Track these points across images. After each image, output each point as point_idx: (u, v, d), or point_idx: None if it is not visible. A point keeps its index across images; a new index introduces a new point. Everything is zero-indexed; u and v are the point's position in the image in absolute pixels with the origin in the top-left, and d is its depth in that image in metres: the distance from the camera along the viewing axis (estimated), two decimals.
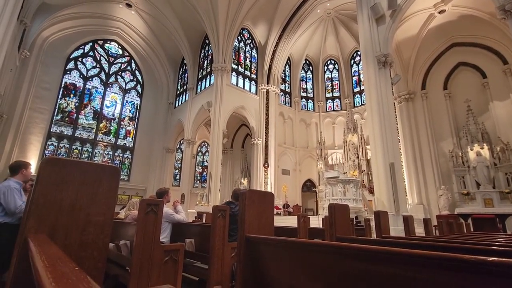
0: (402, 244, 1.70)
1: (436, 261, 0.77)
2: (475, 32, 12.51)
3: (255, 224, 1.66)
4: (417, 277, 0.78)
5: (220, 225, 2.93)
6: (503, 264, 0.67)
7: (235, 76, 18.64)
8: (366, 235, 5.03)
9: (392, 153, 9.75)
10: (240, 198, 1.73)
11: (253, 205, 1.68)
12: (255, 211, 1.69)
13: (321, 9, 18.48)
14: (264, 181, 17.48)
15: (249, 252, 1.52)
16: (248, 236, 1.55)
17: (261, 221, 1.70)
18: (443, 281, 0.73)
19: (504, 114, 11.93)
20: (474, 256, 0.71)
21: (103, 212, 1.15)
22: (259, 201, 1.74)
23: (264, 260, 1.41)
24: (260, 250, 1.44)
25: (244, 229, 1.60)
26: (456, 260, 0.73)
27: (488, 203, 10.95)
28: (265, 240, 1.48)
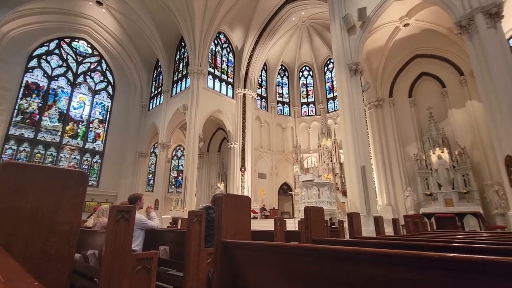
0: (373, 244, 1.77)
1: (405, 259, 0.81)
2: (436, 45, 13.57)
3: (232, 229, 1.65)
4: (388, 275, 0.82)
5: (196, 230, 2.86)
6: (463, 259, 0.72)
7: (212, 79, 18.51)
8: (340, 236, 5.19)
9: (363, 156, 10.20)
10: (216, 203, 1.71)
11: (230, 210, 1.67)
12: (232, 215, 1.67)
13: (296, 17, 19.01)
14: (241, 185, 17.42)
15: (226, 257, 1.49)
16: (225, 241, 1.53)
17: (238, 226, 1.69)
18: (412, 278, 0.78)
19: (461, 121, 13.01)
20: (437, 253, 0.76)
21: (68, 220, 1.07)
22: (236, 206, 1.73)
23: (241, 265, 1.39)
24: (237, 255, 1.42)
25: (220, 234, 1.57)
26: (423, 257, 0.78)
27: (448, 203, 11.82)
28: (242, 244, 1.47)
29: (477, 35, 8.43)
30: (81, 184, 1.13)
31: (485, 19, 8.33)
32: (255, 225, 11.08)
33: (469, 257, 0.71)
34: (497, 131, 7.88)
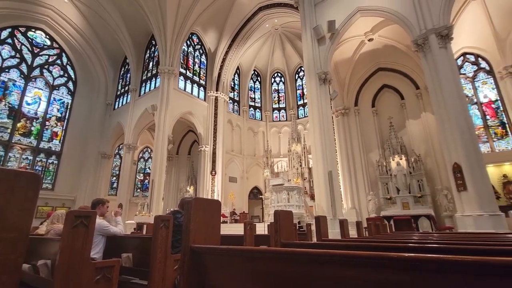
0: (339, 246, 1.85)
1: (367, 260, 0.86)
2: (396, 60, 14.70)
3: (201, 234, 1.61)
4: (352, 275, 0.86)
5: (163, 236, 2.75)
6: (417, 259, 0.79)
7: (183, 80, 18.10)
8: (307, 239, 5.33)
9: (331, 162, 10.63)
10: (185, 207, 1.66)
11: (199, 214, 1.63)
12: (201, 220, 1.64)
13: (270, 24, 19.40)
14: (211, 188, 17.15)
15: (194, 263, 1.46)
16: (193, 247, 1.49)
17: (207, 230, 1.66)
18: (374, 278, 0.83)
19: (416, 131, 14.18)
20: (396, 254, 0.82)
21: (15, 227, 0.97)
22: (206, 210, 1.70)
23: (210, 271, 1.37)
24: (205, 261, 1.39)
25: (189, 240, 1.53)
26: (383, 258, 0.83)
27: (405, 206, 12.75)
28: (211, 250, 1.45)
29: (431, 54, 9.31)
30: (32, 187, 1.03)
31: (437, 40, 9.24)
32: (225, 230, 10.94)
33: (423, 257, 0.78)
34: (446, 141, 8.72)
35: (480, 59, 13.58)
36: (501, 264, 0.66)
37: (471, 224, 7.61)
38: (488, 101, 13.25)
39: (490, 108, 13.16)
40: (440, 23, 9.31)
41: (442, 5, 9.42)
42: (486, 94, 13.32)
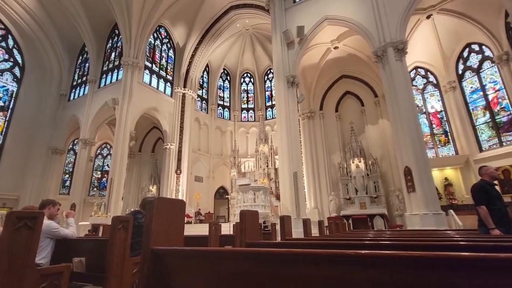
0: (301, 245, 1.91)
1: (327, 258, 0.90)
2: (358, 68, 15.66)
3: (163, 235, 1.55)
4: (314, 273, 0.89)
5: (121, 238, 2.59)
6: (372, 255, 0.85)
7: (149, 74, 17.29)
8: (272, 239, 5.43)
9: (296, 163, 10.95)
10: (146, 207, 1.58)
11: (162, 214, 1.57)
12: (164, 220, 1.57)
13: (241, 24, 19.40)
14: (176, 188, 16.60)
15: (155, 266, 1.40)
16: (154, 249, 1.43)
17: (170, 232, 1.60)
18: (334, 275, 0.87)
19: (374, 136, 15.25)
20: (353, 251, 0.88)
21: None
22: (169, 210, 1.63)
23: (172, 273, 1.32)
24: (168, 263, 1.34)
25: (149, 241, 1.46)
26: (342, 255, 0.88)
27: (362, 206, 13.62)
28: (173, 251, 1.40)
29: (388, 65, 10.09)
30: None
31: (394, 53, 10.04)
32: (189, 230, 10.66)
33: (377, 253, 0.84)
34: (399, 146, 9.53)
35: (429, 73, 15.04)
36: (443, 258, 0.74)
37: (418, 222, 8.39)
38: (434, 112, 14.73)
39: (436, 118, 14.65)
40: (397, 37, 10.14)
41: (399, 22, 10.27)
42: (433, 105, 14.80)
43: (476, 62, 13.26)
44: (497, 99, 12.41)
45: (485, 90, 12.87)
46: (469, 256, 0.73)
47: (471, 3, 11.45)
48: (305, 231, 3.71)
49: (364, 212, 12.85)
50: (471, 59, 13.45)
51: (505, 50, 11.67)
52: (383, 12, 10.57)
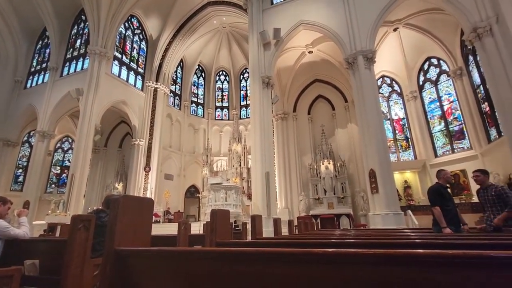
0: (271, 244, 1.94)
1: (296, 257, 0.93)
2: (330, 74, 16.27)
3: (129, 235, 1.48)
4: (284, 272, 0.91)
5: (81, 238, 2.42)
6: (338, 253, 0.89)
7: (118, 66, 16.41)
8: (242, 238, 5.44)
9: (268, 163, 11.08)
10: (111, 206, 1.50)
11: (127, 213, 1.49)
12: (130, 219, 1.50)
13: (217, 21, 19.15)
14: (144, 186, 15.95)
15: (119, 268, 1.33)
16: (118, 249, 1.35)
17: (136, 231, 1.53)
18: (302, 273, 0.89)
19: (343, 139, 15.95)
20: (321, 249, 0.91)
21: None
22: (136, 209, 1.56)
23: (137, 275, 1.27)
24: (133, 265, 1.29)
25: (113, 242, 1.38)
26: (310, 254, 0.91)
27: (330, 206, 14.18)
28: (139, 252, 1.34)
29: (358, 72, 10.61)
30: None
31: (364, 61, 10.59)
32: (157, 230, 10.29)
33: (343, 251, 0.89)
34: (365, 149, 10.06)
35: (394, 82, 16.08)
36: (403, 255, 0.80)
37: (380, 221, 8.93)
38: (397, 118, 15.78)
39: (398, 124, 15.71)
40: (367, 47, 10.70)
41: (369, 32, 10.86)
42: (397, 112, 15.85)
43: (434, 75, 14.44)
44: (451, 109, 13.64)
45: (441, 101, 14.06)
46: (424, 253, 0.80)
47: (432, 20, 12.44)
48: (275, 230, 3.77)
49: (331, 211, 13.38)
50: (431, 72, 14.62)
51: (459, 66, 12.87)
52: (355, 22, 11.09)
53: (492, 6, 8.87)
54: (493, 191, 3.94)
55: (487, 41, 8.85)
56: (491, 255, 0.72)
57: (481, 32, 8.95)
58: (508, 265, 0.70)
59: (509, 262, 0.70)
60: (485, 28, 8.87)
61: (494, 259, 0.71)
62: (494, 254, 0.72)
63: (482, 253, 0.73)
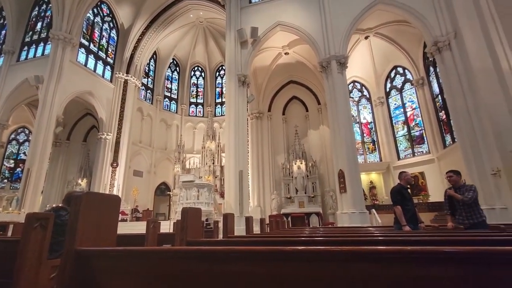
0: (243, 242, 1.94)
1: (266, 255, 0.94)
2: (305, 76, 16.67)
3: (92, 234, 1.39)
4: (255, 270, 0.92)
5: (37, 238, 2.23)
6: (307, 251, 0.91)
7: (85, 54, 15.37)
8: (214, 236, 5.39)
9: (242, 161, 11.09)
10: (72, 203, 1.40)
11: (91, 211, 1.41)
12: (94, 218, 1.42)
13: (194, 15, 18.72)
14: (111, 182, 15.13)
15: (79, 269, 1.24)
16: (80, 250, 1.27)
17: (100, 230, 1.45)
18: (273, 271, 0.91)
19: (315, 140, 16.45)
20: (291, 247, 0.93)
21: None
22: (100, 206, 1.48)
23: (101, 277, 1.20)
24: (96, 266, 1.21)
25: (74, 241, 1.29)
26: (280, 252, 0.93)
27: (301, 205, 14.56)
28: (102, 252, 1.27)
29: (331, 76, 11.00)
30: None
31: (337, 66, 11.01)
32: (124, 229, 9.81)
33: (312, 249, 0.92)
34: (336, 151, 10.48)
35: (364, 87, 16.92)
36: (367, 252, 0.85)
37: (347, 220, 9.36)
38: (366, 122, 16.63)
39: (366, 128, 16.56)
40: (340, 52, 11.13)
41: (342, 38, 11.31)
42: (365, 116, 16.69)
43: (400, 83, 15.43)
44: (413, 116, 14.67)
45: (405, 108, 15.08)
46: (386, 249, 0.85)
47: (400, 32, 13.27)
48: (247, 228, 3.78)
49: (302, 210, 13.74)
50: (397, 80, 15.60)
51: (422, 76, 13.89)
52: (329, 27, 11.47)
53: (451, 22, 9.68)
54: (464, 190, 4.13)
55: (446, 54, 9.65)
56: (444, 251, 0.78)
57: (441, 46, 9.73)
58: (459, 259, 0.77)
59: (459, 256, 0.77)
60: (444, 42, 9.66)
61: (447, 254, 0.78)
62: (447, 249, 0.79)
63: (436, 249, 0.80)
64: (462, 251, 0.77)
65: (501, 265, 0.74)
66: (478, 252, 0.76)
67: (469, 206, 4.05)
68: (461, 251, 0.77)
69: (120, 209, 1.74)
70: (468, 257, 0.76)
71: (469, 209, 4.05)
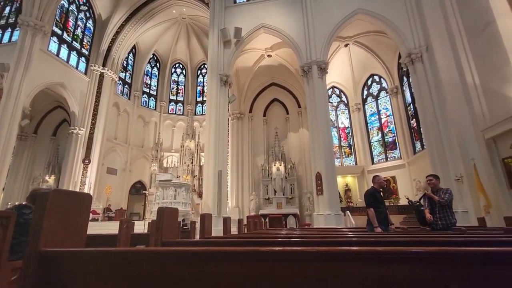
0: (219, 243, 1.92)
1: (243, 255, 0.94)
2: (286, 79, 16.92)
3: (59, 234, 1.31)
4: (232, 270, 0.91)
5: None
6: (284, 251, 0.93)
7: (57, 43, 14.53)
8: (190, 237, 5.29)
9: (222, 161, 11.01)
10: (37, 201, 1.31)
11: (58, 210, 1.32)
12: (61, 217, 1.33)
13: (177, 11, 18.34)
14: (81, 180, 14.37)
15: (44, 271, 1.16)
16: (44, 251, 1.19)
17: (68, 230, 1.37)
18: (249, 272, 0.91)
19: (295, 142, 16.73)
20: (268, 248, 0.94)
21: None
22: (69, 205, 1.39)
23: (67, 280, 1.13)
24: (63, 268, 1.14)
25: (38, 242, 1.21)
26: (257, 252, 0.93)
27: (279, 206, 14.71)
28: (70, 253, 1.20)
29: (312, 80, 11.26)
30: None
31: (317, 71, 11.29)
32: (95, 229, 9.36)
33: (289, 249, 0.93)
34: (314, 153, 10.71)
35: (342, 93, 17.49)
36: (342, 252, 0.88)
37: (323, 221, 9.60)
38: (343, 127, 17.19)
39: (344, 132, 17.11)
40: (321, 58, 11.43)
41: (323, 44, 11.62)
42: (343, 121, 17.25)
43: (376, 90, 16.12)
44: (387, 123, 15.39)
45: (380, 114, 15.77)
46: (359, 250, 0.88)
47: (377, 42, 13.88)
48: (224, 229, 3.76)
49: (280, 211, 13.89)
50: (373, 88, 16.29)
51: (396, 85, 14.61)
52: (312, 33, 11.74)
53: (424, 36, 10.30)
54: (441, 193, 4.42)
55: (418, 66, 10.24)
56: (412, 251, 0.83)
57: (414, 57, 10.31)
58: (424, 259, 0.82)
59: (424, 256, 0.82)
60: (417, 54, 10.25)
61: (415, 254, 0.83)
62: (414, 250, 0.83)
63: (405, 249, 0.85)
64: (428, 251, 0.83)
65: (462, 264, 0.80)
66: (442, 252, 0.82)
67: (443, 208, 4.34)
68: (427, 251, 0.83)
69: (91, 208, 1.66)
70: (433, 257, 0.81)
71: (443, 211, 4.34)
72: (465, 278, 0.78)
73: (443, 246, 0.83)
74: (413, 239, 2.00)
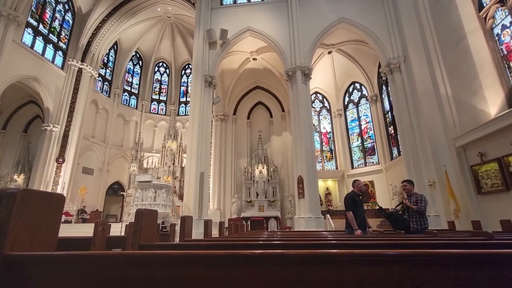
0: (199, 246, 1.89)
1: (225, 258, 0.93)
2: (271, 83, 17.08)
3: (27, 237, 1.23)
4: (212, 274, 0.90)
5: None
6: (265, 254, 0.93)
7: (32, 35, 13.80)
8: (170, 240, 5.16)
9: (204, 163, 10.87)
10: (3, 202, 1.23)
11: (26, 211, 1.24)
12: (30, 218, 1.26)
13: (162, 9, 18.03)
14: (54, 180, 13.65)
15: (9, 277, 1.09)
16: (11, 255, 1.11)
17: (38, 233, 1.29)
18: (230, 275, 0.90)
19: (278, 146, 16.88)
20: (249, 251, 0.93)
21: None
22: (39, 206, 1.31)
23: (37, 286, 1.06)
24: (31, 273, 1.07)
25: (3, 245, 1.13)
26: (237, 255, 0.92)
27: (261, 209, 14.73)
28: (39, 257, 1.13)
29: (296, 85, 11.44)
30: None
31: (301, 76, 11.49)
32: (67, 231, 8.92)
33: (270, 252, 0.93)
34: (296, 157, 10.85)
35: (325, 99, 17.90)
36: (321, 255, 0.89)
37: (303, 224, 9.71)
38: (325, 132, 17.57)
39: (325, 137, 17.50)
40: (305, 63, 11.66)
41: (308, 50, 11.87)
42: (325, 126, 17.65)
43: (357, 97, 16.66)
44: (367, 129, 15.93)
45: (360, 121, 16.30)
46: (338, 253, 0.90)
47: (359, 50, 14.37)
48: (205, 232, 3.70)
49: (261, 214, 13.90)
50: (354, 94, 16.82)
51: (375, 93, 15.18)
52: (297, 39, 11.96)
53: (402, 48, 10.80)
54: (415, 198, 4.71)
55: (396, 76, 10.71)
56: (388, 253, 0.86)
57: (393, 67, 10.78)
58: (400, 261, 0.85)
59: (400, 258, 0.85)
60: (395, 64, 10.73)
61: (390, 256, 0.86)
62: (390, 252, 0.86)
63: (381, 251, 0.88)
64: (403, 253, 0.86)
65: (434, 265, 0.84)
66: (416, 255, 0.85)
67: (419, 214, 4.64)
68: (402, 253, 0.86)
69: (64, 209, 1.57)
70: (407, 259, 0.85)
71: (418, 216, 4.63)
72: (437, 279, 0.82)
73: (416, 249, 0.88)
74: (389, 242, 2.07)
